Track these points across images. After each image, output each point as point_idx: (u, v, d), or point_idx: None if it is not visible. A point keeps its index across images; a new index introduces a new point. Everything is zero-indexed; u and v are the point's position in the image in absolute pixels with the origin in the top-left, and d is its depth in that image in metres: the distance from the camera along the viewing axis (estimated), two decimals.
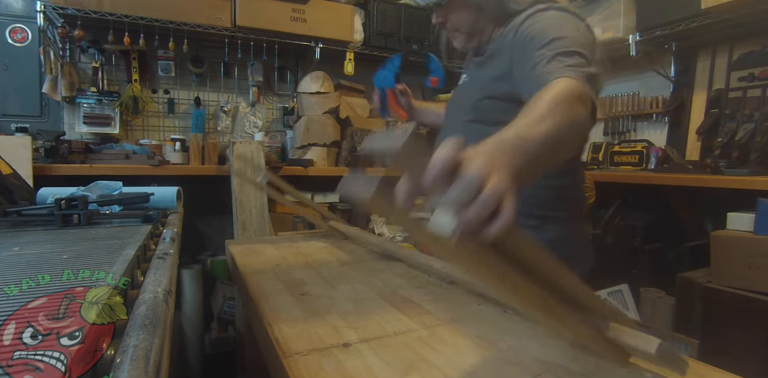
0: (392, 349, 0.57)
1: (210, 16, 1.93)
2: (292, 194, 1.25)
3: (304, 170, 2.00)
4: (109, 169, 1.70)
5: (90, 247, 0.69)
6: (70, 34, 1.82)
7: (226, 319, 1.92)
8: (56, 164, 1.65)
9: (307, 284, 0.86)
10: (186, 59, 2.14)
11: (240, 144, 1.86)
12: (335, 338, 0.60)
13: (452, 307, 0.74)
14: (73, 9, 1.73)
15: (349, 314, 0.70)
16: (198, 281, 1.88)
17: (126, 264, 0.57)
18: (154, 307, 0.43)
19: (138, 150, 1.84)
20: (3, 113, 1.90)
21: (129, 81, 2.04)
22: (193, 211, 1.97)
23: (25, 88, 1.92)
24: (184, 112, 2.20)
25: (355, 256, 1.11)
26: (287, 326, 0.64)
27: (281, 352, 0.56)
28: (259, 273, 0.93)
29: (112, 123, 1.99)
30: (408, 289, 0.83)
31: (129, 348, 0.34)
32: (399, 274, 0.94)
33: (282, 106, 2.39)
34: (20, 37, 1.91)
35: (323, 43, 2.12)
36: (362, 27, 2.23)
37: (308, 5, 2.04)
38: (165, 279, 0.53)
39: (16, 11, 1.90)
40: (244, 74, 2.28)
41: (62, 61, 1.89)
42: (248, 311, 0.85)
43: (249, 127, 2.25)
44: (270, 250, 1.17)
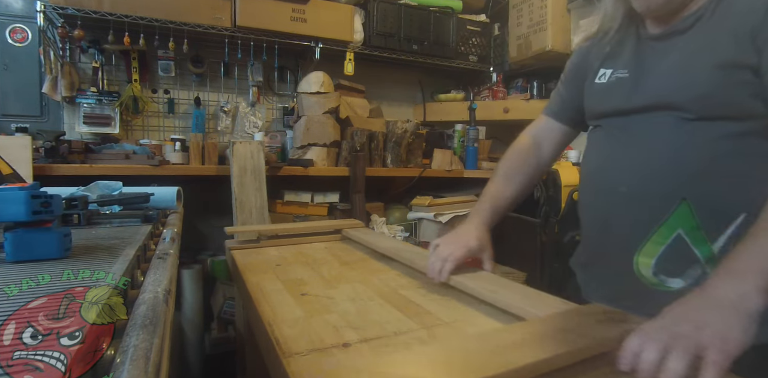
0: (392, 349, 0.57)
1: (210, 16, 1.93)
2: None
3: (304, 170, 2.00)
4: (109, 169, 1.70)
5: (90, 247, 0.69)
6: (70, 34, 1.82)
7: (226, 319, 1.92)
8: (56, 164, 1.65)
9: (307, 284, 0.86)
10: (186, 59, 2.14)
11: (240, 144, 1.86)
12: (335, 338, 0.60)
13: (452, 307, 0.74)
14: (73, 9, 1.73)
15: (349, 314, 0.70)
16: (198, 281, 1.88)
17: (126, 264, 0.57)
18: (154, 307, 0.43)
19: (138, 150, 1.84)
20: (3, 113, 1.90)
21: (129, 81, 2.04)
22: (193, 211, 1.97)
23: (25, 88, 1.92)
24: (184, 112, 2.20)
25: (355, 256, 1.11)
26: (287, 326, 0.64)
27: (281, 352, 0.56)
28: (259, 273, 0.93)
29: (112, 123, 1.98)
30: (408, 289, 0.83)
31: (129, 348, 0.34)
32: (399, 274, 0.94)
33: (282, 106, 2.39)
34: (20, 37, 1.91)
35: (323, 43, 2.12)
36: (362, 27, 2.23)
37: (308, 5, 2.04)
38: (165, 279, 0.53)
39: (16, 11, 1.90)
40: (244, 74, 2.28)
41: (62, 61, 1.89)
42: (248, 311, 0.85)
43: (249, 127, 2.25)
44: (270, 250, 1.17)
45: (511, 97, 2.55)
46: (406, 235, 2.05)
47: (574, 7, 2.09)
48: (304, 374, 0.50)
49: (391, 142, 2.23)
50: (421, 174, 2.25)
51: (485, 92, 2.62)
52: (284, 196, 2.08)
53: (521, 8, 2.28)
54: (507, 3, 2.39)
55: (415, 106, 2.74)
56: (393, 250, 1.02)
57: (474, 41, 2.53)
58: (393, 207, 2.32)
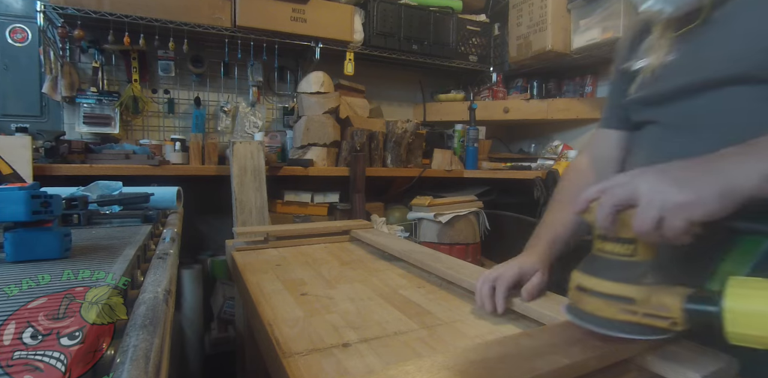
0: (392, 349, 0.57)
1: (210, 16, 1.93)
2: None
3: (304, 170, 2.00)
4: (109, 169, 1.70)
5: (90, 247, 0.69)
6: (70, 34, 1.82)
7: (226, 319, 1.92)
8: (56, 164, 1.65)
9: (307, 284, 0.86)
10: (186, 59, 2.14)
11: (240, 144, 1.86)
12: (335, 338, 0.60)
13: (452, 307, 0.74)
14: (73, 9, 1.73)
15: (349, 314, 0.70)
16: (198, 281, 1.88)
17: (126, 264, 0.57)
18: (154, 307, 0.43)
19: (138, 150, 1.84)
20: (3, 113, 1.90)
21: (129, 81, 2.04)
22: (193, 211, 1.97)
23: (25, 88, 1.92)
24: (184, 112, 2.20)
25: (355, 256, 1.11)
26: (287, 326, 0.64)
27: (281, 352, 0.56)
28: (259, 273, 0.93)
29: (112, 123, 1.98)
30: (408, 289, 0.83)
31: (129, 348, 0.34)
32: (399, 274, 0.94)
33: (282, 106, 2.39)
34: (20, 37, 1.91)
35: (323, 43, 2.12)
36: (362, 27, 2.23)
37: (308, 5, 2.04)
38: (165, 279, 0.53)
39: (16, 11, 1.90)
40: (244, 74, 2.28)
41: (62, 61, 1.89)
42: (248, 311, 0.85)
43: (249, 127, 2.25)
44: (270, 250, 1.17)
45: (511, 97, 2.55)
46: (406, 235, 2.05)
47: (574, 7, 2.09)
48: (304, 374, 0.50)
49: (391, 142, 2.23)
50: (421, 174, 2.25)
51: (485, 92, 2.62)
52: (284, 196, 2.08)
53: (521, 8, 2.28)
54: (507, 3, 2.39)
55: (415, 106, 2.74)
56: (407, 253, 1.00)
57: (474, 41, 2.53)
58: (393, 207, 2.33)
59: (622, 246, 0.49)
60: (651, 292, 0.47)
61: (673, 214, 0.43)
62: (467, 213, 2.00)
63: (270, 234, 1.21)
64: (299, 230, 1.27)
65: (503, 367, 0.44)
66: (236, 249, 1.15)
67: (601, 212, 0.47)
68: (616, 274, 0.49)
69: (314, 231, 1.29)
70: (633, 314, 0.47)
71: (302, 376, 0.50)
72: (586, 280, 0.51)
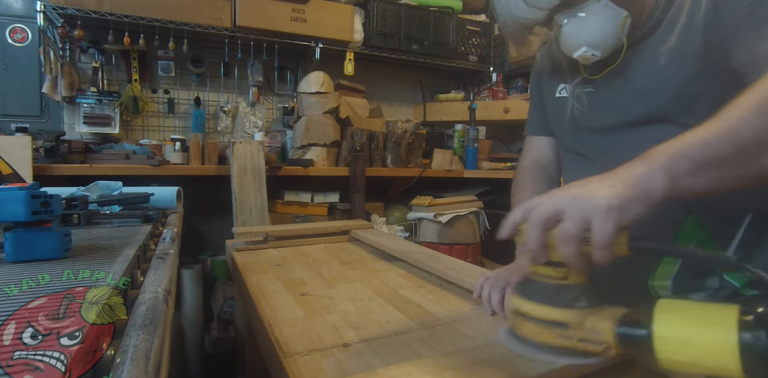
0: (392, 349, 0.57)
1: (210, 16, 1.93)
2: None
3: (304, 170, 2.00)
4: (109, 169, 1.70)
5: (90, 247, 0.69)
6: (70, 34, 1.82)
7: (226, 319, 1.92)
8: (56, 164, 1.65)
9: (307, 284, 0.86)
10: (186, 59, 2.13)
11: (240, 144, 1.86)
12: (335, 338, 0.60)
13: (452, 307, 0.74)
14: (73, 9, 1.73)
15: (349, 314, 0.70)
16: (198, 281, 1.88)
17: (126, 264, 0.57)
18: (154, 307, 0.43)
19: (138, 150, 1.84)
20: (3, 113, 1.90)
21: (129, 81, 2.04)
22: (193, 211, 1.97)
23: (25, 88, 1.92)
24: (184, 112, 2.20)
25: (355, 256, 1.11)
26: (287, 326, 0.64)
27: (281, 352, 0.56)
28: (259, 273, 0.93)
29: (112, 123, 1.98)
30: (408, 290, 0.83)
31: (129, 348, 0.34)
32: (399, 274, 0.94)
33: (282, 106, 2.39)
34: (20, 37, 1.91)
35: (323, 43, 2.12)
36: (362, 27, 2.23)
37: (308, 5, 2.04)
38: (165, 279, 0.53)
39: (16, 11, 1.90)
40: (244, 74, 2.28)
41: (62, 61, 1.89)
42: (248, 311, 0.85)
43: (249, 127, 2.25)
44: (270, 250, 1.17)
45: (511, 97, 2.55)
46: (406, 235, 2.05)
47: None
48: (304, 374, 0.50)
49: (391, 142, 2.23)
50: (421, 174, 2.25)
51: (485, 92, 2.62)
52: (284, 196, 2.08)
53: None
54: None
55: (415, 106, 2.74)
56: (406, 253, 1.00)
57: (474, 41, 2.53)
58: (393, 207, 2.33)
59: (554, 269, 0.48)
60: (585, 315, 0.46)
61: (601, 217, 0.43)
62: (467, 213, 2.00)
63: (270, 234, 1.21)
64: (299, 230, 1.28)
65: (506, 367, 0.45)
66: (236, 249, 1.15)
67: (531, 232, 0.46)
68: (550, 298, 0.48)
69: (314, 231, 1.29)
70: (568, 339, 0.46)
71: (302, 376, 0.50)
72: (523, 304, 0.49)
